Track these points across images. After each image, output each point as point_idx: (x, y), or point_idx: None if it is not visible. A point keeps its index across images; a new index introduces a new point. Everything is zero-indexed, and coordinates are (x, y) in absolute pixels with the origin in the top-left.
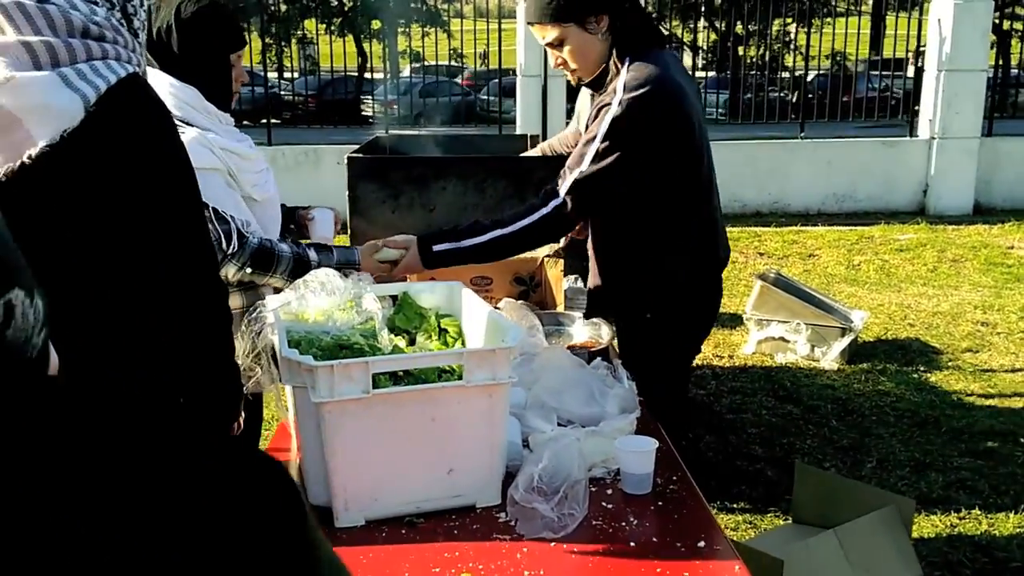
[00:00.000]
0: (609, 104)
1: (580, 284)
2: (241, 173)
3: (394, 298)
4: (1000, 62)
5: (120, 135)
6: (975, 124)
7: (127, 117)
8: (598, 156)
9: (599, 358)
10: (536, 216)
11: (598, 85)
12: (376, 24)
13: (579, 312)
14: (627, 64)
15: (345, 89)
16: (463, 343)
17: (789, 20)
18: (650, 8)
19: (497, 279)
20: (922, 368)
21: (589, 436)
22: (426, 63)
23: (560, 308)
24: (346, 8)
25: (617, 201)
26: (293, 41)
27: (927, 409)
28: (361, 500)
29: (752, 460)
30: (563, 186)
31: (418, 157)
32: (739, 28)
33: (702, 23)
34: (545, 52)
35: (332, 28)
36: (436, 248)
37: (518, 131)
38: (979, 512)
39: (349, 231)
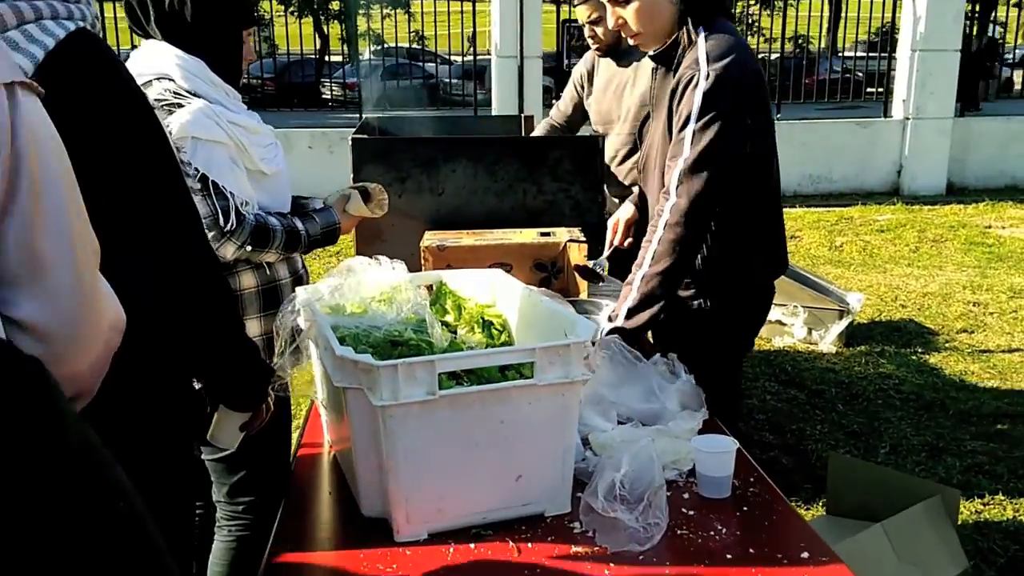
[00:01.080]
0: (693, 79)
1: (603, 267)
2: (250, 147)
3: (430, 287)
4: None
5: (70, 92)
6: (948, 104)
7: (77, 73)
8: (699, 135)
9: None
10: (661, 229)
11: (664, 59)
12: (335, 5)
13: (606, 300)
14: (701, 35)
15: (303, 72)
16: (509, 336)
17: (752, 2)
18: None
19: (517, 265)
20: (920, 349)
21: (658, 436)
22: (386, 45)
23: (583, 295)
24: None
25: (722, 179)
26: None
27: (931, 392)
28: (424, 512)
29: (764, 448)
30: (671, 184)
31: (427, 138)
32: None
33: None
34: (521, 33)
35: (291, 9)
36: (606, 329)
37: (494, 113)
38: (1003, 497)
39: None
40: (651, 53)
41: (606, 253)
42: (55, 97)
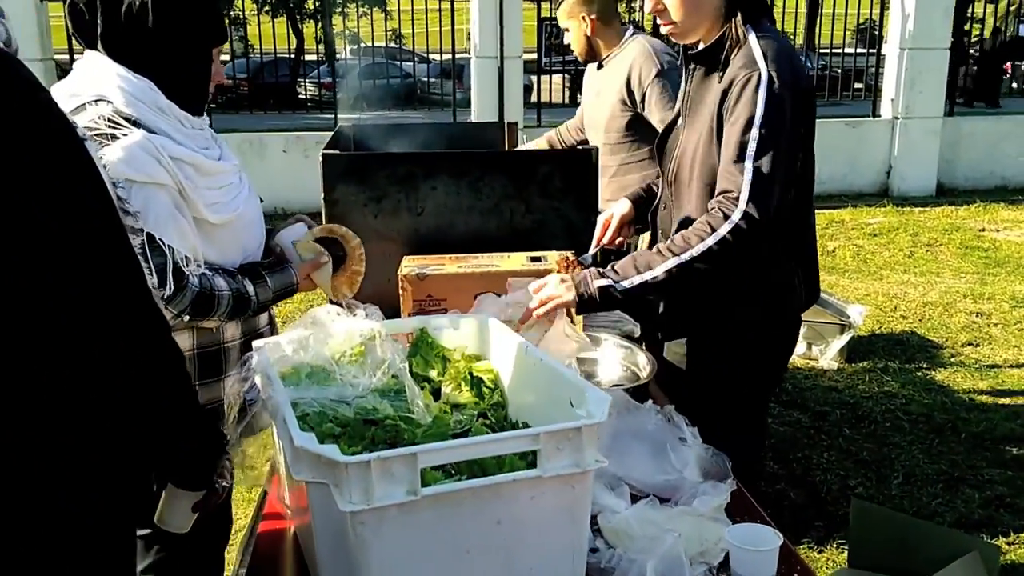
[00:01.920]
0: (751, 79)
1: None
2: (196, 189)
3: (409, 335)
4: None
5: None
6: (938, 103)
7: None
8: (765, 141)
9: (649, 402)
10: (721, 232)
11: (707, 58)
12: (311, 4)
13: (604, 334)
14: (751, 34)
15: (277, 73)
16: (502, 396)
17: None
18: None
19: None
20: (925, 365)
21: (680, 518)
22: (363, 44)
23: (578, 328)
24: None
25: (787, 191)
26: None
27: (941, 413)
28: None
29: (771, 480)
30: (740, 192)
31: (404, 153)
32: None
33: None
34: (501, 32)
35: (266, 8)
36: (596, 285)
37: (473, 117)
38: None
39: None
40: (690, 53)
41: (592, 250)
42: None
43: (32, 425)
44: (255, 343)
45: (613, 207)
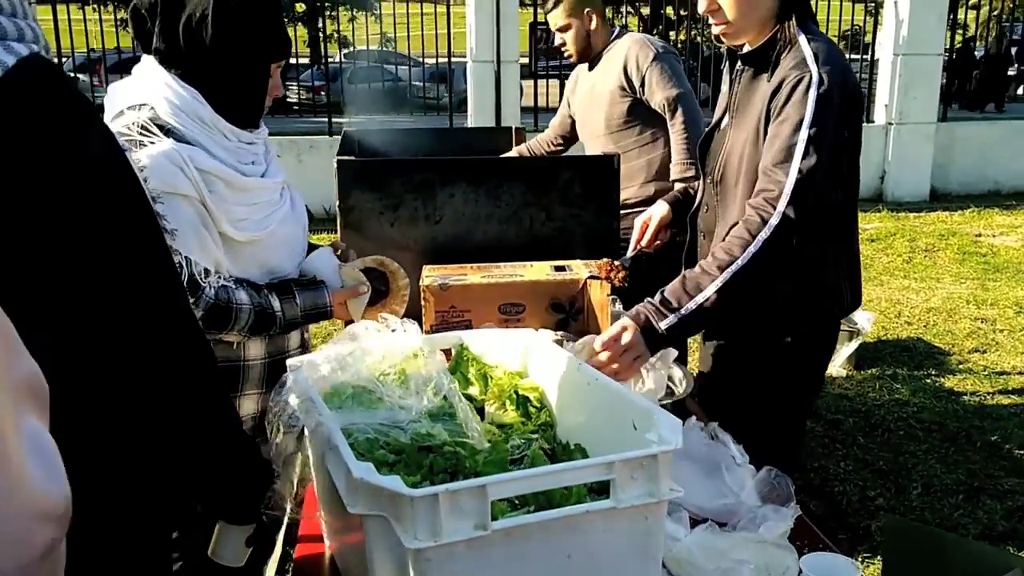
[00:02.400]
0: (803, 80)
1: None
2: (221, 204)
3: (447, 351)
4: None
5: (17, 141)
6: (931, 109)
7: (27, 117)
8: (811, 144)
9: (692, 419)
10: (761, 239)
11: (757, 59)
12: (300, 7)
13: None
14: (801, 35)
15: None
16: (549, 415)
17: None
18: None
19: (530, 306)
20: (934, 372)
21: (745, 545)
22: (355, 48)
23: None
24: None
25: (830, 195)
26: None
27: (954, 421)
28: None
29: None
30: (781, 194)
31: (421, 160)
32: (669, 11)
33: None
34: (498, 36)
35: None
36: (663, 326)
37: (469, 121)
38: None
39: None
40: (740, 54)
41: (630, 253)
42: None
43: (73, 431)
44: (289, 362)
45: (651, 209)
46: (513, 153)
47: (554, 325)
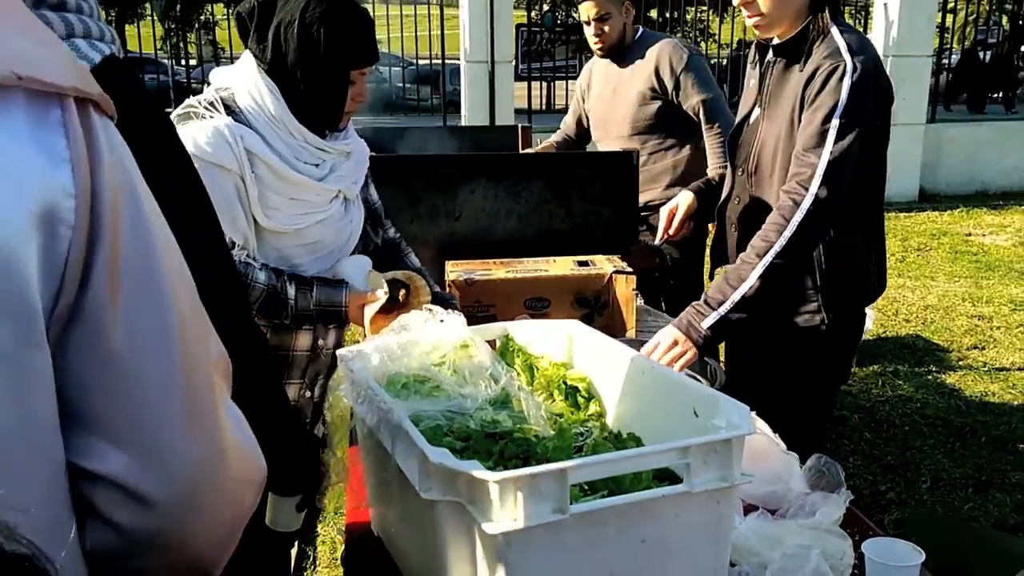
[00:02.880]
0: (838, 68)
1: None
2: (260, 186)
3: (492, 342)
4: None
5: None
6: (921, 110)
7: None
8: (844, 130)
9: None
10: (796, 222)
11: (790, 51)
12: None
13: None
14: (833, 27)
15: None
16: (600, 405)
17: (704, 8)
18: None
19: (555, 300)
20: (934, 368)
21: (801, 532)
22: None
23: (631, 333)
24: None
25: (861, 181)
26: (196, 26)
27: (957, 416)
28: None
29: None
30: (813, 175)
31: (441, 156)
32: (654, 14)
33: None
34: (492, 36)
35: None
36: (705, 325)
37: (463, 121)
38: None
39: None
40: (773, 45)
41: (657, 241)
42: None
43: None
44: (340, 352)
45: (677, 198)
46: (541, 150)
47: (579, 319)
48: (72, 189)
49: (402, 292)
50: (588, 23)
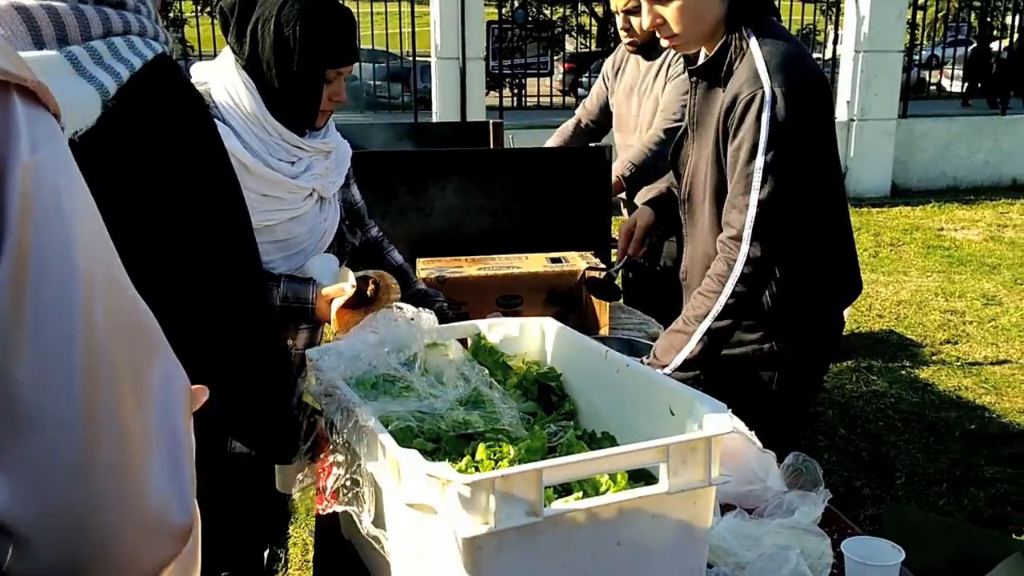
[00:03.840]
0: (755, 99)
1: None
2: None
3: (463, 341)
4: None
5: (145, 138)
6: (892, 105)
7: (154, 115)
8: (769, 170)
9: None
10: (731, 285)
11: (709, 72)
12: None
13: (638, 338)
14: (752, 40)
15: None
16: (572, 405)
17: None
18: None
19: (528, 297)
20: (908, 364)
21: (779, 532)
22: None
23: (604, 331)
24: None
25: (799, 216)
26: (164, 23)
27: (931, 411)
28: None
29: None
30: (742, 232)
31: (413, 152)
32: None
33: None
34: (463, 33)
35: (207, 9)
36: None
37: (435, 118)
38: None
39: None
40: (690, 68)
41: (618, 265)
42: (131, 126)
43: None
44: (309, 352)
45: (634, 215)
46: (559, 135)
47: (552, 316)
48: None
49: (371, 288)
50: (617, 13)
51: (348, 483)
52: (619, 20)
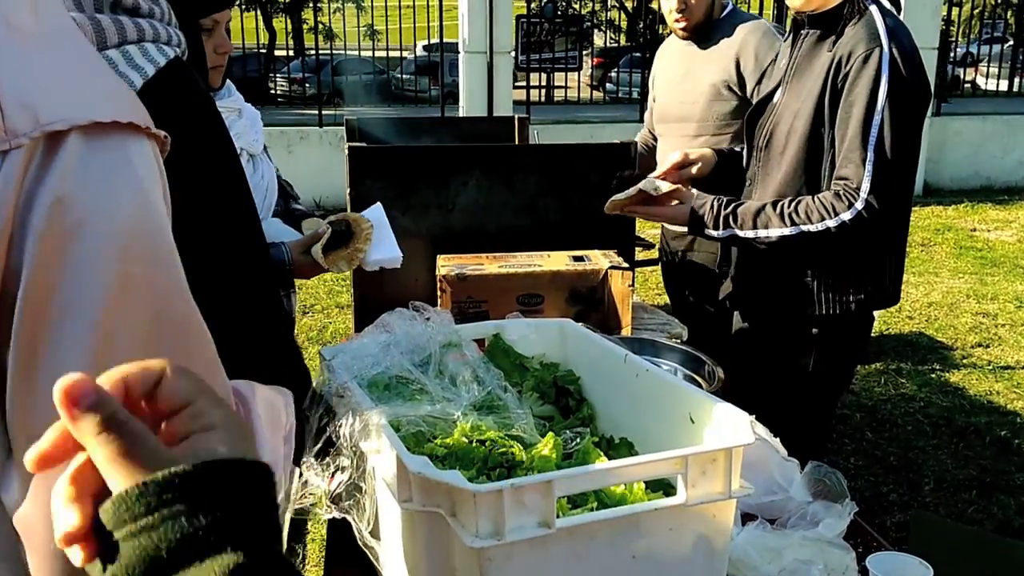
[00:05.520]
0: (873, 54)
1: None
2: None
3: (480, 342)
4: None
5: (170, 122)
6: None
7: (166, 121)
8: (887, 125)
9: None
10: (842, 218)
11: (824, 22)
12: None
13: (662, 339)
14: (872, 6)
15: (245, 68)
16: (590, 408)
17: None
18: None
19: (550, 297)
20: (938, 367)
21: (802, 544)
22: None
23: (626, 331)
24: None
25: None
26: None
27: (961, 416)
28: None
29: None
30: (862, 179)
31: (434, 147)
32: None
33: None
34: (491, 27)
35: (238, 2)
36: (712, 233)
37: (461, 112)
38: None
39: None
40: (809, 12)
41: (655, 175)
42: None
43: None
44: (322, 351)
45: (701, 150)
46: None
47: (574, 316)
48: None
49: (344, 224)
50: None
51: (350, 489)
52: (670, 2)
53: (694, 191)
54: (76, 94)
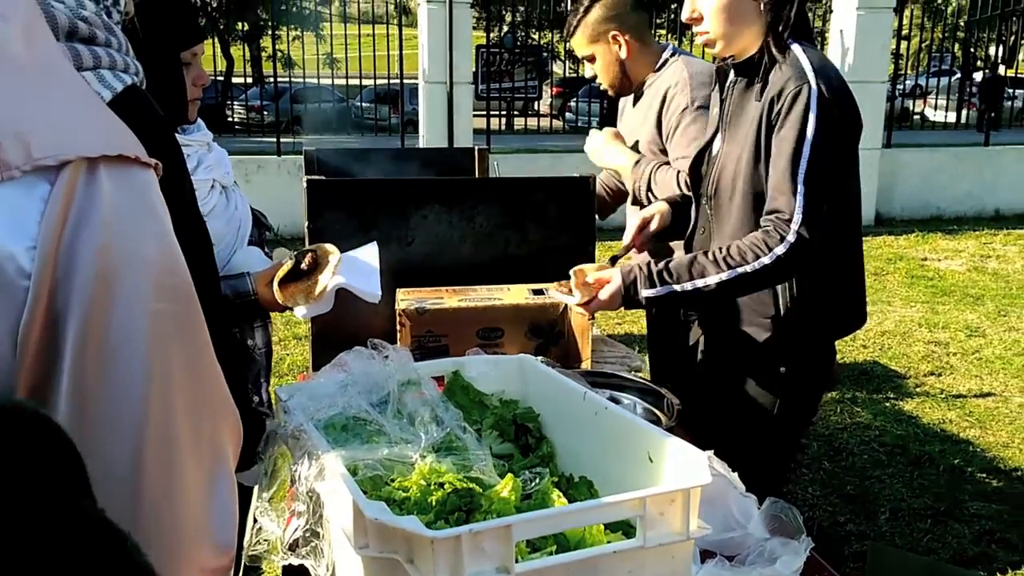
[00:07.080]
0: (801, 92)
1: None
2: None
3: (440, 379)
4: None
5: None
6: (876, 135)
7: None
8: (816, 159)
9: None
10: (776, 254)
11: (748, 70)
12: (240, 26)
13: (627, 370)
14: (795, 45)
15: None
16: (549, 446)
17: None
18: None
19: (510, 331)
20: (892, 395)
21: None
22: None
23: (586, 364)
24: (210, 8)
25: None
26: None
27: (916, 445)
28: None
29: None
30: (793, 210)
31: (394, 180)
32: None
33: None
34: (451, 57)
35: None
36: (646, 295)
37: (421, 143)
38: None
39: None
40: (731, 63)
41: (623, 249)
42: None
43: None
44: (278, 391)
45: (655, 209)
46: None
47: (534, 349)
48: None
49: (308, 257)
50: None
51: (307, 535)
52: (588, 69)
53: (616, 268)
54: (77, 128)
